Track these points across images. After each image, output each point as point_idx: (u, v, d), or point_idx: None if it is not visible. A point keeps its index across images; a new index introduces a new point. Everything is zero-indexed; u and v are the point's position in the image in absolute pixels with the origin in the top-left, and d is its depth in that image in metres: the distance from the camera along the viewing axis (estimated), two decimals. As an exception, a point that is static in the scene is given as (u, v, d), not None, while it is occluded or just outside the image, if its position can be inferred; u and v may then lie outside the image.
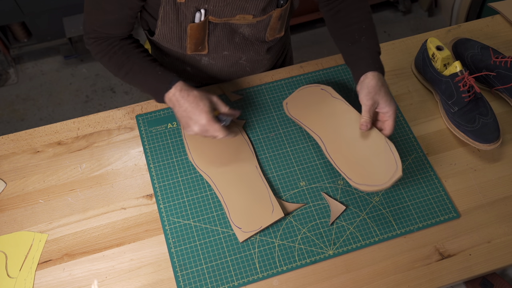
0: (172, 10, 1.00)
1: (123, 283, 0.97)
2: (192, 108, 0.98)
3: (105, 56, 1.05)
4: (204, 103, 0.98)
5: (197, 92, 0.99)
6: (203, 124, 0.97)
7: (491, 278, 1.46)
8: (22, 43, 2.43)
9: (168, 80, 1.00)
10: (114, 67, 1.05)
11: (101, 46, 1.05)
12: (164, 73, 1.02)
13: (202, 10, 1.01)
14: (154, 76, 1.01)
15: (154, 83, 1.02)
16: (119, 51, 1.04)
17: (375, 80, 1.00)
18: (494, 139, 1.08)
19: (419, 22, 2.67)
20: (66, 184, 1.08)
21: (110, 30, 1.03)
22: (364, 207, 1.05)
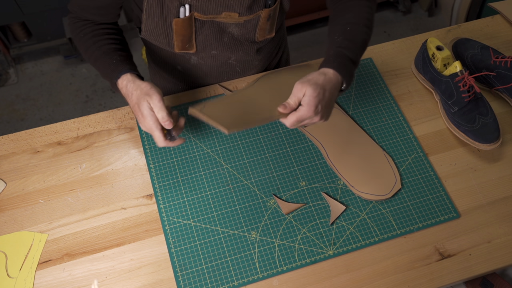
0: (156, 3, 1.01)
1: (123, 283, 0.97)
2: (136, 107, 0.97)
3: (77, 36, 1.08)
4: (144, 107, 0.94)
5: (139, 93, 0.96)
6: (145, 128, 0.96)
7: (491, 278, 1.46)
8: (22, 43, 2.43)
9: (118, 69, 1.01)
10: (81, 48, 1.08)
11: (76, 25, 1.07)
12: (118, 63, 1.02)
13: (187, 6, 1.01)
14: (109, 63, 1.03)
15: (106, 71, 1.03)
16: (89, 34, 1.06)
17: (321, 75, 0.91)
18: (494, 139, 1.08)
19: (419, 22, 2.67)
20: (66, 184, 1.08)
21: (90, 15, 1.05)
22: (364, 207, 1.05)
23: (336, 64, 0.92)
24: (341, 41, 0.96)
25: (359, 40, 0.97)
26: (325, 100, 0.89)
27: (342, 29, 0.98)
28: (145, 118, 0.95)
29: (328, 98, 0.89)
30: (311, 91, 0.87)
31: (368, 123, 1.16)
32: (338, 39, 0.97)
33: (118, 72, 1.00)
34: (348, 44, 0.95)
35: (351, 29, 0.98)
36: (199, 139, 1.14)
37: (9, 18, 2.24)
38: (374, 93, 1.21)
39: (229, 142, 1.13)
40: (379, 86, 1.22)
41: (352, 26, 0.98)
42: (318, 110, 0.88)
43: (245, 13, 1.05)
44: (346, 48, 0.95)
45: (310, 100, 0.87)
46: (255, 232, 1.02)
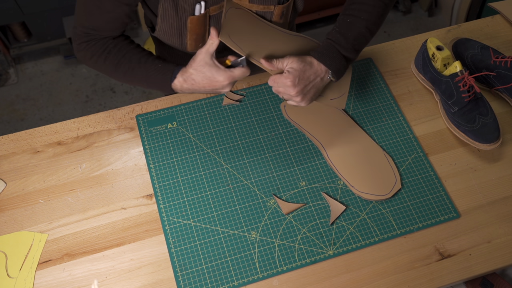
0: (171, 6, 1.00)
1: (123, 283, 0.97)
2: (207, 83, 0.97)
3: (100, 57, 1.03)
4: (208, 70, 0.97)
5: (193, 70, 0.98)
6: (227, 84, 0.97)
7: (491, 278, 1.46)
8: (22, 43, 2.43)
9: (170, 70, 1.00)
10: (111, 67, 1.03)
11: (94, 48, 1.02)
12: (164, 65, 1.01)
13: (202, 3, 1.00)
14: (155, 69, 1.01)
15: (157, 77, 1.01)
16: (113, 49, 1.02)
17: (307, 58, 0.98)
18: (494, 139, 1.08)
19: (419, 22, 2.67)
20: (66, 184, 1.08)
21: (104, 30, 1.01)
22: (364, 207, 1.05)
23: (321, 55, 0.99)
24: (335, 33, 1.01)
25: (354, 34, 1.01)
26: (304, 77, 0.97)
27: (343, 20, 1.03)
28: (218, 74, 0.96)
29: (307, 78, 0.97)
30: (295, 64, 0.96)
31: (368, 123, 1.16)
32: (334, 30, 1.02)
33: (170, 73, 1.00)
34: (339, 38, 1.00)
35: (350, 22, 1.01)
36: (199, 139, 1.14)
37: (9, 18, 2.24)
38: (374, 93, 1.21)
39: (229, 142, 1.13)
40: (379, 86, 1.22)
41: (352, 18, 1.01)
42: (295, 82, 0.95)
43: (257, 1, 1.04)
44: (336, 42, 1.00)
45: (292, 70, 0.96)
46: (255, 232, 1.02)
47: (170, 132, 1.15)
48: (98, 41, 1.02)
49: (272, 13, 1.08)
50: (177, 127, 1.15)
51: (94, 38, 1.02)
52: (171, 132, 1.15)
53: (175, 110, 1.18)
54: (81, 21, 1.00)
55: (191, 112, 1.17)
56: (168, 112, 1.17)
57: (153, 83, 1.02)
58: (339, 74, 1.00)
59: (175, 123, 1.16)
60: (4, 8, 2.16)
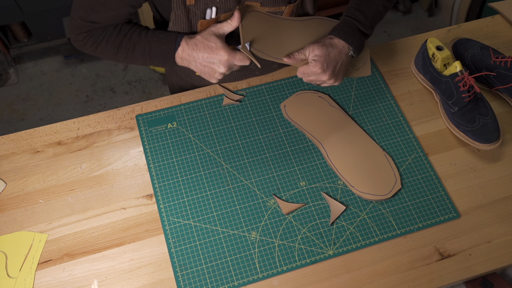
0: (183, 13, 1.00)
1: (123, 283, 0.97)
2: (207, 52, 0.98)
3: (101, 43, 1.03)
4: (213, 40, 0.98)
5: (200, 37, 0.99)
6: (226, 60, 0.97)
7: (491, 278, 1.46)
8: (22, 43, 2.43)
9: (172, 39, 1.00)
10: (113, 49, 1.03)
11: (95, 36, 1.02)
12: (166, 34, 1.01)
13: (213, 8, 1.01)
14: (157, 40, 1.01)
15: (159, 48, 1.01)
16: (114, 32, 1.02)
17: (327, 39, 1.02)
18: (494, 139, 1.08)
19: (419, 22, 2.67)
20: (66, 184, 1.08)
21: (105, 24, 1.01)
22: (364, 207, 1.05)
23: (342, 33, 1.02)
24: (353, 11, 1.04)
25: (372, 11, 1.06)
26: (331, 60, 1.00)
27: None
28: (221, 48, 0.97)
29: (334, 59, 1.00)
30: (317, 51, 0.99)
31: (368, 123, 1.16)
32: (352, 7, 1.05)
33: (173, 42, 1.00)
34: (359, 16, 1.04)
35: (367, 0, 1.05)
36: (199, 139, 1.14)
37: (9, 18, 2.24)
38: (374, 93, 1.21)
39: (229, 142, 1.13)
40: (379, 86, 1.22)
41: None
42: (324, 67, 0.99)
43: (268, 3, 1.04)
44: (356, 19, 1.04)
45: (317, 57, 0.99)
46: (255, 232, 1.02)
47: (170, 132, 1.15)
48: (98, 30, 1.03)
49: (282, 13, 1.08)
50: (177, 127, 1.15)
51: (94, 27, 1.02)
52: (171, 132, 1.15)
53: (175, 110, 1.18)
54: (82, 15, 1.00)
55: (191, 112, 1.18)
56: (168, 112, 1.17)
57: (156, 56, 1.02)
58: (359, 50, 1.05)
59: (175, 123, 1.16)
60: (4, 8, 2.16)
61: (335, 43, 1.02)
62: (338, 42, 1.02)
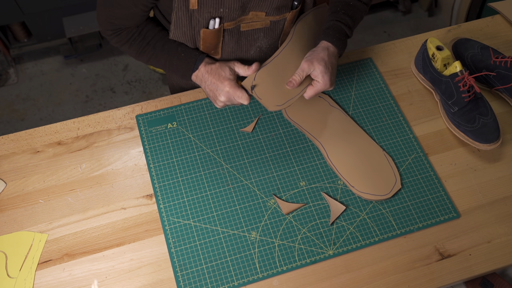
0: (184, 16, 1.00)
1: (123, 283, 0.97)
2: (215, 79, 1.02)
3: (125, 44, 1.08)
4: (224, 71, 1.02)
5: (218, 64, 1.03)
6: (227, 91, 1.01)
7: (491, 278, 1.46)
8: (22, 43, 2.43)
9: (193, 60, 1.05)
10: (135, 52, 1.08)
11: (119, 36, 1.07)
12: (187, 54, 1.05)
13: (217, 19, 1.01)
14: (178, 58, 1.05)
15: (179, 66, 1.06)
16: (138, 37, 1.07)
17: (324, 50, 1.02)
18: (494, 139, 1.08)
19: (419, 22, 2.67)
20: (66, 184, 1.08)
21: (125, 22, 1.04)
22: (364, 207, 1.05)
23: (335, 39, 1.03)
24: (342, 16, 1.05)
25: (358, 17, 1.08)
26: (331, 72, 1.01)
27: (345, 2, 1.07)
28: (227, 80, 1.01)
29: (333, 69, 1.02)
30: (321, 68, 1.00)
31: (368, 123, 1.16)
32: (339, 12, 1.06)
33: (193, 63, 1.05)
34: (348, 21, 1.05)
35: (353, 5, 1.07)
36: (199, 139, 1.14)
37: (9, 18, 2.24)
38: (374, 93, 1.21)
39: (229, 142, 1.13)
40: (379, 86, 1.22)
41: (354, 1, 1.07)
42: (332, 81, 1.01)
43: (273, 12, 1.05)
44: (345, 24, 1.05)
45: (323, 76, 1.00)
46: (255, 232, 1.02)
47: (170, 132, 1.15)
48: (123, 31, 1.06)
49: (285, 19, 1.08)
50: (177, 127, 1.15)
51: (118, 27, 1.06)
52: (171, 132, 1.15)
53: (175, 110, 1.18)
54: (103, 12, 1.04)
55: (191, 112, 1.18)
56: (168, 112, 1.17)
57: (174, 71, 1.07)
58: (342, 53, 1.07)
59: (175, 123, 1.16)
60: (4, 8, 2.16)
61: (329, 49, 1.03)
62: (333, 48, 1.03)
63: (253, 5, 1.01)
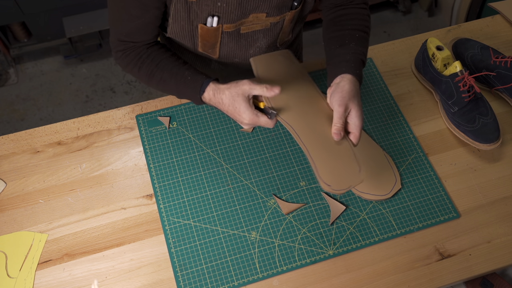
0: (183, 8, 1.00)
1: (123, 283, 0.97)
2: (231, 110, 0.96)
3: (135, 67, 1.05)
4: (239, 103, 0.94)
5: (228, 93, 0.96)
6: (247, 122, 0.96)
7: (491, 278, 1.46)
8: (22, 43, 2.43)
9: (198, 84, 0.99)
10: (145, 77, 1.05)
11: (129, 57, 1.04)
12: (193, 77, 1.00)
13: (215, 18, 1.00)
14: (184, 82, 1.01)
15: (186, 90, 1.01)
16: (147, 60, 1.04)
17: (351, 84, 0.95)
18: (494, 139, 1.08)
19: (419, 22, 2.67)
20: (66, 184, 1.08)
21: (136, 37, 1.02)
22: (364, 207, 1.05)
23: (358, 72, 0.98)
24: (357, 48, 1.02)
25: (366, 44, 1.05)
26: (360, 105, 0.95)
27: (351, 34, 1.04)
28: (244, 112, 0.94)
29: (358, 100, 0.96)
30: (357, 109, 0.93)
31: (368, 123, 1.16)
32: (353, 45, 1.02)
33: (199, 87, 0.99)
34: (363, 51, 1.03)
35: (359, 36, 1.04)
36: (199, 139, 1.14)
37: (9, 18, 2.24)
38: (374, 93, 1.21)
39: (229, 142, 1.13)
40: (379, 86, 1.22)
41: (360, 33, 1.05)
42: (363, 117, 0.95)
43: (273, 13, 1.03)
44: (363, 55, 1.02)
45: (359, 116, 0.94)
46: (255, 232, 1.02)
47: (170, 132, 1.15)
48: (132, 51, 1.04)
49: (284, 19, 1.08)
50: (177, 127, 1.15)
51: (128, 47, 1.03)
52: (171, 132, 1.15)
53: (175, 110, 1.18)
54: (114, 29, 1.02)
55: (191, 112, 1.18)
56: (168, 112, 1.17)
57: (184, 95, 1.03)
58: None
59: (175, 123, 1.16)
60: (4, 8, 2.16)
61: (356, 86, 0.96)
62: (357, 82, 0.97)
63: (252, 5, 1.00)
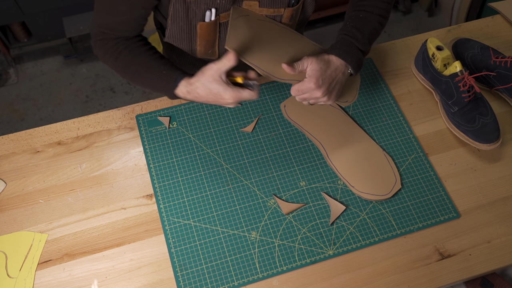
0: (182, 8, 1.00)
1: (123, 283, 0.97)
2: (211, 97, 0.95)
3: (111, 57, 1.03)
4: (215, 88, 0.94)
5: (200, 84, 0.95)
6: (232, 102, 0.94)
7: (491, 278, 1.46)
8: (22, 43, 2.43)
9: (172, 79, 0.98)
10: (120, 68, 1.04)
11: (106, 47, 1.03)
12: (168, 72, 1.00)
13: (213, 10, 1.00)
14: (159, 76, 1.00)
15: (160, 84, 1.00)
16: (124, 51, 1.02)
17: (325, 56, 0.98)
18: (494, 139, 1.08)
19: (419, 22, 2.67)
20: (66, 184, 1.08)
21: (119, 31, 1.01)
22: (364, 207, 1.05)
23: (341, 52, 0.99)
24: (350, 29, 1.02)
25: (368, 29, 1.03)
26: (327, 76, 0.96)
27: (355, 15, 1.04)
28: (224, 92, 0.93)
29: (330, 76, 0.97)
30: (314, 65, 0.95)
31: (368, 123, 1.16)
32: (348, 25, 1.03)
33: (173, 81, 0.98)
34: (356, 33, 1.01)
35: (363, 17, 1.03)
36: (199, 139, 1.14)
37: (9, 18, 2.24)
38: (374, 93, 1.21)
39: (229, 142, 1.13)
40: (379, 86, 1.22)
41: (365, 13, 1.04)
42: (319, 83, 0.95)
43: (266, 4, 1.03)
44: (353, 37, 1.01)
45: (313, 72, 0.95)
46: (255, 232, 1.02)
47: (170, 132, 1.15)
48: (110, 41, 1.03)
49: (281, 16, 1.08)
50: (177, 127, 1.15)
51: (108, 37, 1.02)
52: (171, 132, 1.15)
53: (175, 110, 1.18)
54: (97, 20, 1.01)
55: (191, 112, 1.18)
56: (168, 112, 1.17)
57: (158, 89, 1.02)
58: (358, 68, 1.02)
59: (175, 123, 1.16)
60: (4, 8, 2.16)
61: (332, 60, 0.98)
62: (336, 60, 0.99)
63: None
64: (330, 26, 2.61)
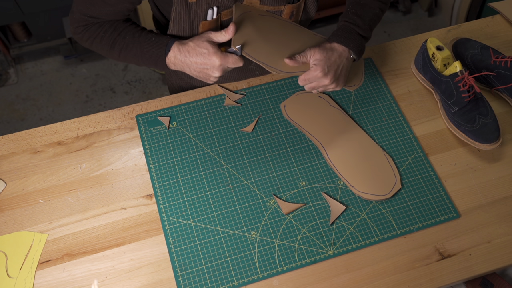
0: (184, 11, 1.00)
1: (123, 283, 0.97)
2: (200, 58, 0.97)
3: (96, 38, 1.03)
4: (205, 46, 0.97)
5: (193, 43, 0.98)
6: (219, 65, 0.97)
7: (491, 278, 1.46)
8: (22, 43, 2.43)
9: (163, 43, 0.99)
10: (106, 46, 1.03)
11: (90, 31, 1.03)
12: (157, 38, 1.00)
13: (215, 8, 1.01)
14: (149, 43, 1.00)
15: (150, 51, 1.01)
16: (109, 29, 1.02)
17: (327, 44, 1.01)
18: (494, 139, 1.08)
19: (419, 22, 2.67)
20: (66, 184, 1.08)
21: (103, 19, 1.02)
22: (364, 207, 1.05)
23: (342, 39, 1.01)
24: (350, 15, 1.04)
25: (369, 15, 1.05)
26: (331, 63, 0.99)
27: (356, 1, 1.06)
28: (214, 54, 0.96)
29: (335, 62, 1.00)
30: (318, 54, 0.98)
31: (368, 123, 1.16)
32: (349, 12, 1.04)
33: (164, 47, 0.99)
34: (356, 20, 1.03)
35: (364, 3, 1.05)
36: (199, 139, 1.14)
37: (9, 18, 2.24)
38: (374, 93, 1.21)
39: (229, 142, 1.13)
40: (379, 86, 1.22)
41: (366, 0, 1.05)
42: (325, 71, 0.98)
43: (267, 1, 1.04)
44: (354, 23, 1.03)
45: (318, 61, 0.98)
46: (255, 232, 1.02)
47: (170, 132, 1.15)
48: (94, 24, 1.03)
49: (281, 12, 1.08)
50: (177, 127, 1.15)
51: (92, 22, 1.03)
52: (171, 132, 1.15)
53: (175, 110, 1.18)
54: (81, 8, 1.01)
55: (191, 112, 1.18)
56: (168, 112, 1.17)
57: (147, 58, 1.02)
58: (360, 53, 1.04)
59: (175, 123, 1.16)
60: (4, 8, 2.16)
61: (335, 47, 1.01)
62: (338, 46, 1.01)
63: None
64: (330, 26, 2.61)
